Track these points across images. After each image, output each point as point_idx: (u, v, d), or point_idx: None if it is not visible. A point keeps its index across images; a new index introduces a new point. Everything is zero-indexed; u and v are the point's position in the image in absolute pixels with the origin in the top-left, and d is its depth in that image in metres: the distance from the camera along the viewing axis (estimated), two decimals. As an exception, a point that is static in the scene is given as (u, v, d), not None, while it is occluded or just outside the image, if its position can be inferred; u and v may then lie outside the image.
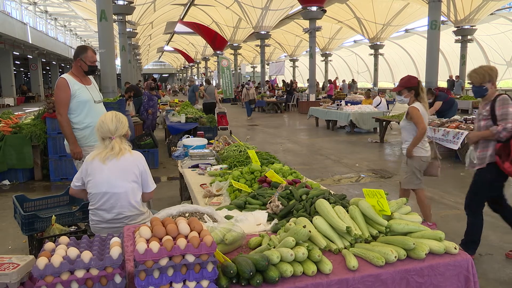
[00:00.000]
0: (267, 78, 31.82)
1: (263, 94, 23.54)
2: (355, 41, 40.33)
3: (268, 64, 36.97)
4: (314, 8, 20.25)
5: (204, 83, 15.75)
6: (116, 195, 2.80)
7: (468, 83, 3.82)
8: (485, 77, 3.54)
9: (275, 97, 22.77)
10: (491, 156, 3.52)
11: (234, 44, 33.78)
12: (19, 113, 8.87)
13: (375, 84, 31.56)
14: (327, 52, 37.86)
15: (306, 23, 21.88)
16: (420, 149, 4.22)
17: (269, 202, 2.65)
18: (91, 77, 4.30)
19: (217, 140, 5.28)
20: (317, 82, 25.66)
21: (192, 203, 3.54)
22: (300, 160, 8.60)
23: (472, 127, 7.65)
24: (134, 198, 2.86)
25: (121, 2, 17.75)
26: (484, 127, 3.56)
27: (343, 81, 28.90)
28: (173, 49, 57.09)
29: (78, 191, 2.96)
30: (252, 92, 19.05)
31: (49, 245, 1.78)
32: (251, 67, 53.60)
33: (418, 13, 27.16)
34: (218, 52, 36.42)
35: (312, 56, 20.88)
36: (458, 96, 18.65)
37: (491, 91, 3.55)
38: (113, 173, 2.79)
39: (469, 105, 17.64)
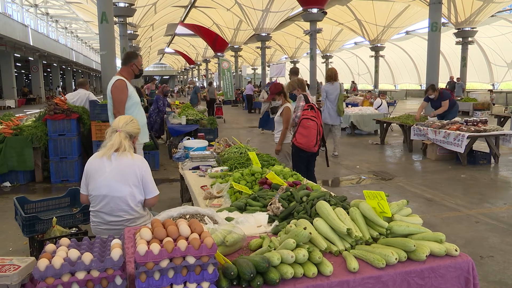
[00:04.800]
0: (267, 80, 31.82)
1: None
2: (355, 43, 40.36)
3: (268, 66, 36.99)
4: (314, 10, 20.24)
5: (207, 85, 19.24)
6: (116, 198, 2.81)
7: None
8: (293, 87, 5.37)
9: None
10: (291, 136, 5.20)
11: (235, 46, 33.79)
12: (20, 115, 8.87)
13: (375, 86, 31.56)
14: (328, 54, 37.84)
15: (306, 25, 21.84)
16: (288, 138, 5.48)
17: (269, 204, 2.65)
18: None
19: (217, 142, 5.28)
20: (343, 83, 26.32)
21: (192, 204, 3.54)
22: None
23: (473, 129, 7.66)
24: (134, 202, 2.86)
25: (122, 4, 17.77)
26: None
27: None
28: (174, 51, 57.17)
29: (88, 197, 2.98)
30: None
31: (50, 246, 1.78)
32: (252, 69, 53.64)
33: (418, 15, 27.16)
34: (218, 54, 36.43)
35: (312, 58, 20.87)
36: (459, 98, 18.63)
37: (299, 94, 5.26)
38: (113, 177, 2.80)
39: (470, 107, 17.63)
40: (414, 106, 23.25)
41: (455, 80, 22.86)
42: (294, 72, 8.32)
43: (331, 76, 8.81)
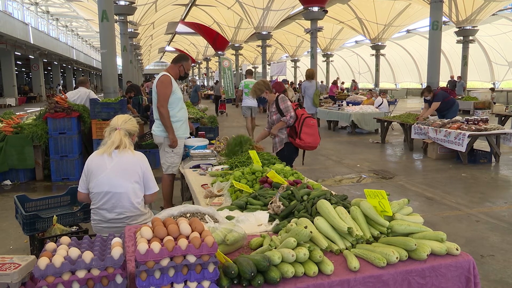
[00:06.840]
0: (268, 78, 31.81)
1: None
2: (356, 42, 40.31)
3: (269, 65, 36.96)
4: (315, 9, 20.22)
5: (214, 83, 22.81)
6: (118, 194, 2.81)
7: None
8: (261, 90, 5.01)
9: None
10: (286, 138, 5.04)
11: (236, 45, 33.77)
12: (21, 113, 8.85)
13: (376, 84, 31.55)
14: (329, 53, 37.80)
15: (307, 24, 21.84)
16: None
17: (270, 202, 2.65)
18: None
19: (218, 141, 5.27)
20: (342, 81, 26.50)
21: (193, 203, 3.54)
22: (301, 161, 8.58)
23: (473, 128, 7.65)
24: (135, 199, 2.87)
25: (122, 3, 17.75)
26: (277, 120, 4.99)
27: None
28: (174, 49, 57.10)
29: (86, 195, 2.97)
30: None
31: (50, 245, 1.78)
32: (253, 67, 53.59)
33: (419, 14, 27.12)
34: (219, 52, 36.41)
35: (313, 56, 20.85)
36: (460, 97, 18.60)
37: (270, 96, 5.03)
38: (115, 173, 2.80)
39: (471, 106, 17.60)
40: (414, 105, 23.22)
41: (456, 78, 22.83)
42: (249, 72, 9.71)
43: (309, 75, 10.86)
